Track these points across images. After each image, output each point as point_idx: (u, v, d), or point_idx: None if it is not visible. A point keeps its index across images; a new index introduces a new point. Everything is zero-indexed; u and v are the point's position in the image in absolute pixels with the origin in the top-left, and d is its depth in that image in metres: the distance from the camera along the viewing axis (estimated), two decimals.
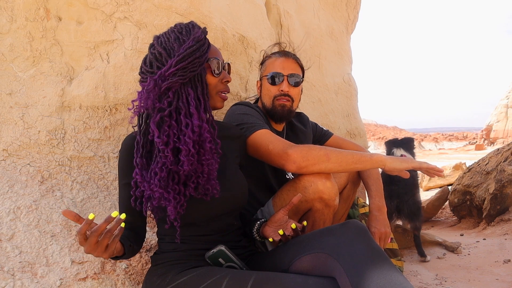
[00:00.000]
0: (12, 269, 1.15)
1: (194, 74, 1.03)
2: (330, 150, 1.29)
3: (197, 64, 1.03)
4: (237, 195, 1.16)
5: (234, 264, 1.08)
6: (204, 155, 1.01)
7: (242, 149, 1.31)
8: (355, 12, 3.25)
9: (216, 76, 1.12)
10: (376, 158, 1.31)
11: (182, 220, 1.03)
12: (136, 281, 1.32)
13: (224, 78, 1.15)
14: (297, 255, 1.01)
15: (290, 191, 1.35)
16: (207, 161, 1.01)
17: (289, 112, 1.54)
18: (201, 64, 1.04)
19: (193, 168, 0.99)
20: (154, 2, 1.54)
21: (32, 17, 1.47)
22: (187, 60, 1.01)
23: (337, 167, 1.28)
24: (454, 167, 7.56)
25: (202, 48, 1.05)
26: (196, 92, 1.03)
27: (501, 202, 3.36)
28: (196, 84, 1.04)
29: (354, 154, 1.30)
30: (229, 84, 1.82)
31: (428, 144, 65.33)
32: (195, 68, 1.03)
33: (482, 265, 2.35)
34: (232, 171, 1.19)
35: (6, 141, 1.40)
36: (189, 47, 1.02)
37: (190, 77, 1.02)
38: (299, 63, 1.57)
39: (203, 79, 1.06)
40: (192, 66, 1.02)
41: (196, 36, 1.05)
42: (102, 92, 1.51)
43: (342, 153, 1.29)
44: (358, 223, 0.98)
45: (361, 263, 0.86)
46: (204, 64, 1.06)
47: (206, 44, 1.07)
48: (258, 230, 1.22)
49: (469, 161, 7.36)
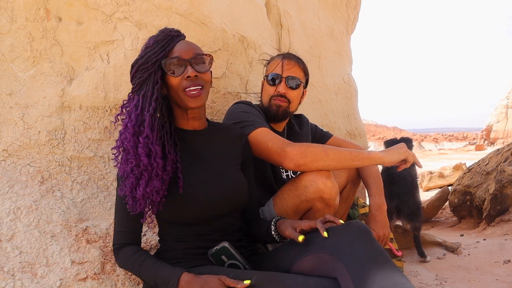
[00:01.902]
0: (12, 269, 1.15)
1: (149, 74, 1.06)
2: (328, 148, 1.31)
3: (149, 63, 1.06)
4: (237, 195, 1.16)
5: (237, 262, 1.07)
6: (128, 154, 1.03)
7: (246, 149, 1.30)
8: (355, 13, 3.25)
9: (175, 76, 1.09)
10: (374, 155, 1.34)
11: (182, 220, 1.04)
12: (136, 281, 1.33)
13: (185, 74, 1.08)
14: (299, 255, 1.01)
15: (290, 191, 1.35)
16: (129, 160, 1.02)
17: (284, 112, 1.54)
18: (153, 63, 1.07)
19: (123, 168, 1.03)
20: (154, 2, 1.54)
21: (32, 18, 1.47)
22: (138, 61, 1.08)
23: (335, 164, 1.30)
24: (454, 167, 7.56)
25: (153, 49, 1.08)
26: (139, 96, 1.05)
27: (501, 202, 3.36)
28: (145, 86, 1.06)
29: (352, 151, 1.32)
30: (229, 84, 1.84)
31: (428, 145, 65.35)
32: (147, 67, 1.06)
33: (482, 265, 2.35)
34: (232, 172, 1.19)
35: (6, 141, 1.40)
36: (145, 49, 1.10)
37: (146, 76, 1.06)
38: (301, 67, 1.57)
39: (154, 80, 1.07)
40: (144, 65, 1.06)
41: (152, 37, 1.11)
42: (102, 93, 1.51)
43: (340, 150, 1.31)
44: (361, 223, 0.98)
45: (363, 263, 0.86)
46: (161, 65, 1.08)
47: (160, 45, 1.09)
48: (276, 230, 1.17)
49: (469, 161, 7.36)
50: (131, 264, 1.05)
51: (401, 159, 1.35)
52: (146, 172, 1.01)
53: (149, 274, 1.01)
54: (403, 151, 1.36)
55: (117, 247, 1.10)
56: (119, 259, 1.10)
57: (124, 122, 1.05)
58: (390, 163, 1.34)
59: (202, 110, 1.21)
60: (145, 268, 1.02)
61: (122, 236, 1.10)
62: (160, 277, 0.99)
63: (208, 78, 1.14)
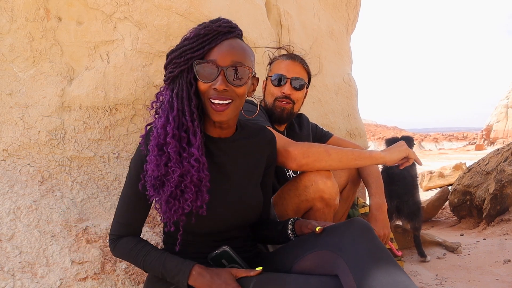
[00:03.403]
0: (12, 269, 1.15)
1: (180, 71, 0.96)
2: (330, 147, 1.31)
3: (182, 58, 0.96)
4: (251, 216, 1.13)
5: (237, 266, 1.07)
6: (169, 160, 0.94)
7: (273, 154, 1.23)
8: (355, 12, 3.25)
9: (204, 82, 0.97)
10: (375, 155, 1.35)
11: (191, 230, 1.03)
12: (136, 281, 1.32)
13: (213, 84, 0.96)
14: (300, 254, 1.00)
15: (290, 190, 1.35)
16: (171, 168, 0.94)
17: (288, 115, 1.55)
18: (186, 61, 0.96)
19: (157, 170, 0.94)
20: (154, 2, 1.54)
21: (32, 17, 1.47)
22: (173, 53, 0.98)
23: (338, 164, 1.30)
24: (454, 167, 7.56)
25: (191, 43, 0.97)
26: (172, 92, 0.96)
27: (501, 202, 3.36)
28: (177, 83, 0.97)
29: (353, 151, 1.33)
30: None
31: (428, 144, 65.32)
32: (179, 62, 0.96)
33: (482, 265, 2.35)
34: (251, 191, 1.13)
35: (6, 141, 1.40)
36: (184, 40, 0.99)
37: (177, 73, 0.97)
38: (305, 67, 1.58)
39: (187, 79, 0.97)
40: (177, 60, 0.97)
41: (195, 29, 0.99)
42: (102, 92, 1.51)
43: (342, 150, 1.31)
44: (363, 221, 0.97)
45: (365, 260, 0.86)
46: (193, 62, 0.97)
47: (200, 41, 0.97)
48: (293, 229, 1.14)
49: (469, 161, 7.36)
50: (133, 254, 1.01)
51: (402, 157, 1.36)
52: (192, 185, 0.95)
53: (156, 265, 0.98)
54: (403, 149, 1.37)
55: (115, 237, 1.06)
56: (117, 249, 1.05)
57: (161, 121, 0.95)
58: (392, 162, 1.34)
59: (233, 121, 1.09)
60: (151, 259, 0.99)
61: (122, 228, 1.06)
62: (168, 268, 0.96)
63: (241, 92, 1.00)
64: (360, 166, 1.37)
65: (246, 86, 1.01)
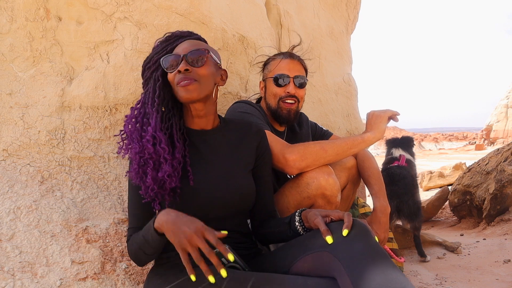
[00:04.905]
0: (12, 269, 1.15)
1: (151, 72, 1.13)
2: (325, 144, 1.36)
3: (151, 62, 1.15)
4: (244, 198, 1.15)
5: (236, 264, 1.07)
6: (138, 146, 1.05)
7: (262, 145, 1.26)
8: (355, 12, 3.25)
9: (170, 72, 1.11)
10: (367, 137, 1.42)
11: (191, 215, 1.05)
12: (136, 281, 1.32)
13: (178, 68, 1.09)
14: (298, 255, 1.00)
15: (292, 188, 1.36)
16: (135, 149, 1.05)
17: (295, 114, 1.56)
18: (154, 62, 1.14)
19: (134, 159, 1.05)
20: (154, 2, 1.54)
21: (32, 17, 1.47)
22: (145, 62, 1.18)
23: (335, 158, 1.37)
24: (454, 167, 7.56)
25: (157, 49, 1.17)
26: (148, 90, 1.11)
27: (501, 202, 3.35)
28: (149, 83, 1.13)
29: (346, 140, 1.40)
30: (229, 84, 1.84)
31: (428, 144, 65.35)
32: (150, 66, 1.14)
33: (482, 265, 2.35)
34: (239, 174, 1.17)
35: (6, 141, 1.40)
36: (152, 50, 1.19)
37: (148, 75, 1.14)
38: (303, 64, 1.58)
39: (155, 77, 1.12)
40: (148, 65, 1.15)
41: (158, 39, 1.20)
42: (102, 92, 1.51)
43: (336, 143, 1.37)
44: (360, 222, 0.97)
45: (362, 261, 0.86)
46: (160, 63, 1.12)
47: (163, 45, 1.16)
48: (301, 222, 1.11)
49: (469, 161, 7.36)
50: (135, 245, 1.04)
51: (386, 123, 1.45)
52: (151, 159, 1.03)
53: (140, 233, 1.02)
54: (381, 115, 1.45)
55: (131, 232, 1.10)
56: (128, 250, 1.10)
57: (128, 116, 1.10)
58: (382, 134, 1.43)
59: (207, 108, 1.17)
60: (138, 237, 1.03)
61: (135, 219, 1.11)
62: (145, 229, 1.00)
63: (204, 72, 1.11)
64: (357, 152, 1.46)
65: (207, 68, 1.12)
